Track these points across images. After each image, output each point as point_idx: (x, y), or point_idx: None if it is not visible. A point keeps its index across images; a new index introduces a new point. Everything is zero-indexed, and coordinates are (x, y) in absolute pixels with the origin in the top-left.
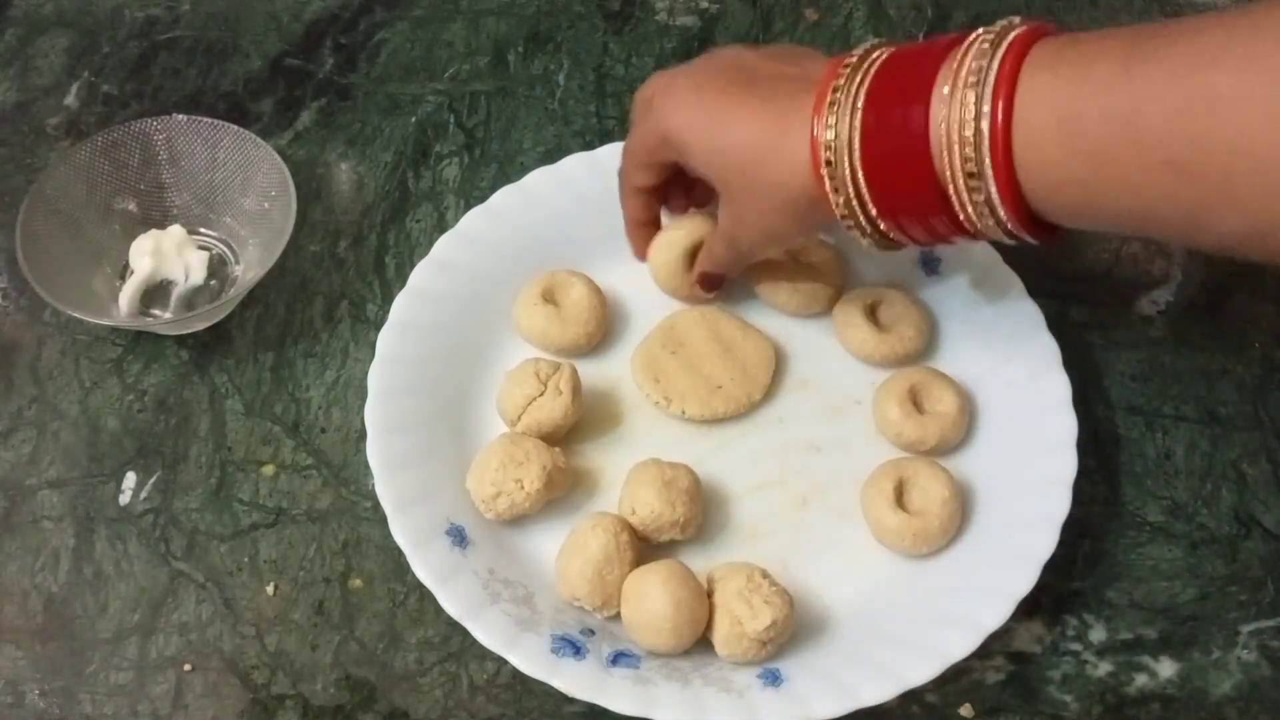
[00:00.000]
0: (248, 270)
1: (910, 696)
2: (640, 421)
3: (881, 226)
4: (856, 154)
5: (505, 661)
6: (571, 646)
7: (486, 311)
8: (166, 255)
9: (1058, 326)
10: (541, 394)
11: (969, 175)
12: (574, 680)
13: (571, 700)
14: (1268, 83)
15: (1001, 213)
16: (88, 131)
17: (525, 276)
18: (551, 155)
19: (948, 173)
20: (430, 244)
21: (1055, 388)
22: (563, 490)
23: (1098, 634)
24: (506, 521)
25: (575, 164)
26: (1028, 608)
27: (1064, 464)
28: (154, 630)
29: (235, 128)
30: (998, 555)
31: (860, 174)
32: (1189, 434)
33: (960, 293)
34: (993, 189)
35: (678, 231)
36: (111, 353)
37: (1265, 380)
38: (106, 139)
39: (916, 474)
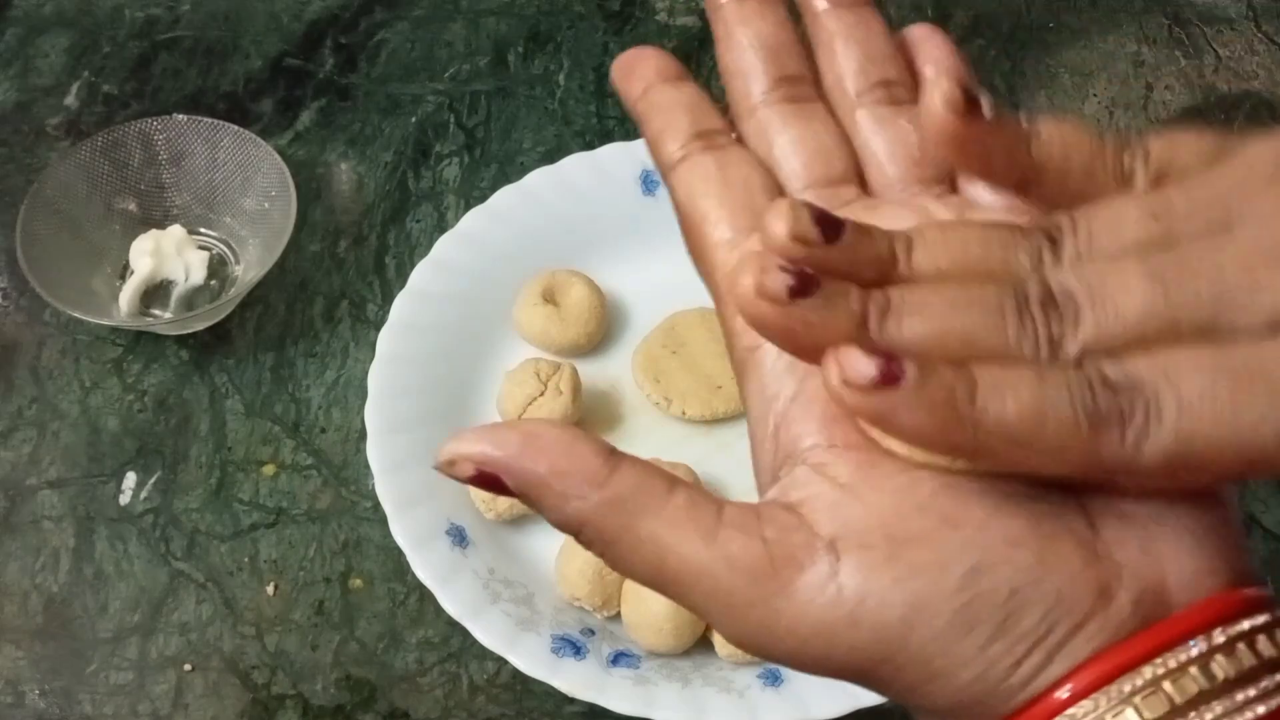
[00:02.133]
0: (248, 270)
1: None
2: (640, 421)
3: None
4: None
5: (505, 661)
6: (571, 646)
7: (486, 311)
8: (166, 255)
9: None
10: (541, 394)
11: None
12: (574, 680)
13: (571, 700)
14: None
15: None
16: (88, 131)
17: (525, 276)
18: (551, 155)
19: None
20: (430, 244)
21: None
22: None
23: None
24: (506, 521)
25: (575, 164)
26: None
27: None
28: (154, 630)
29: (235, 128)
30: None
31: None
32: None
33: None
34: None
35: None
36: (111, 353)
37: None
38: (106, 139)
39: None
